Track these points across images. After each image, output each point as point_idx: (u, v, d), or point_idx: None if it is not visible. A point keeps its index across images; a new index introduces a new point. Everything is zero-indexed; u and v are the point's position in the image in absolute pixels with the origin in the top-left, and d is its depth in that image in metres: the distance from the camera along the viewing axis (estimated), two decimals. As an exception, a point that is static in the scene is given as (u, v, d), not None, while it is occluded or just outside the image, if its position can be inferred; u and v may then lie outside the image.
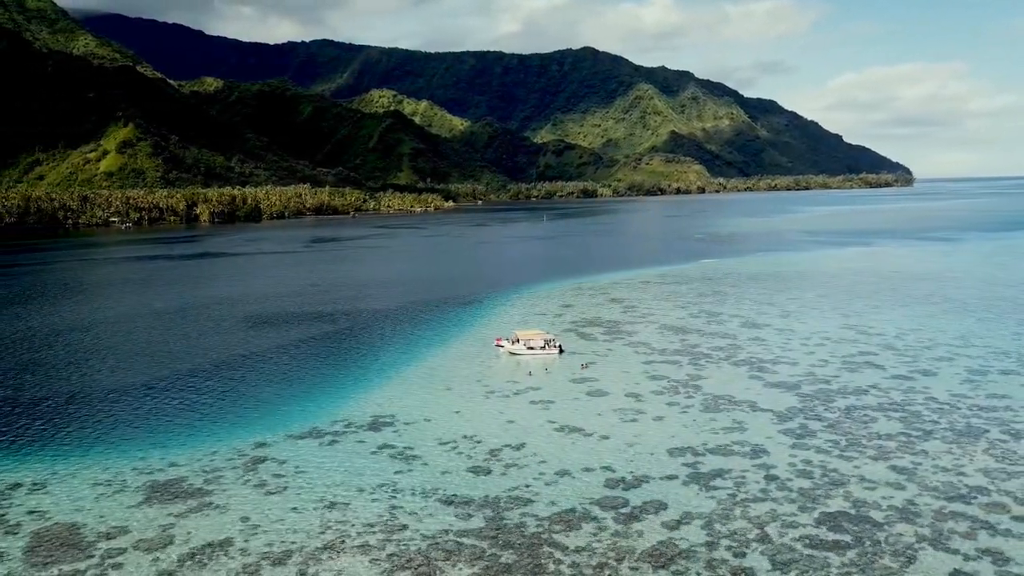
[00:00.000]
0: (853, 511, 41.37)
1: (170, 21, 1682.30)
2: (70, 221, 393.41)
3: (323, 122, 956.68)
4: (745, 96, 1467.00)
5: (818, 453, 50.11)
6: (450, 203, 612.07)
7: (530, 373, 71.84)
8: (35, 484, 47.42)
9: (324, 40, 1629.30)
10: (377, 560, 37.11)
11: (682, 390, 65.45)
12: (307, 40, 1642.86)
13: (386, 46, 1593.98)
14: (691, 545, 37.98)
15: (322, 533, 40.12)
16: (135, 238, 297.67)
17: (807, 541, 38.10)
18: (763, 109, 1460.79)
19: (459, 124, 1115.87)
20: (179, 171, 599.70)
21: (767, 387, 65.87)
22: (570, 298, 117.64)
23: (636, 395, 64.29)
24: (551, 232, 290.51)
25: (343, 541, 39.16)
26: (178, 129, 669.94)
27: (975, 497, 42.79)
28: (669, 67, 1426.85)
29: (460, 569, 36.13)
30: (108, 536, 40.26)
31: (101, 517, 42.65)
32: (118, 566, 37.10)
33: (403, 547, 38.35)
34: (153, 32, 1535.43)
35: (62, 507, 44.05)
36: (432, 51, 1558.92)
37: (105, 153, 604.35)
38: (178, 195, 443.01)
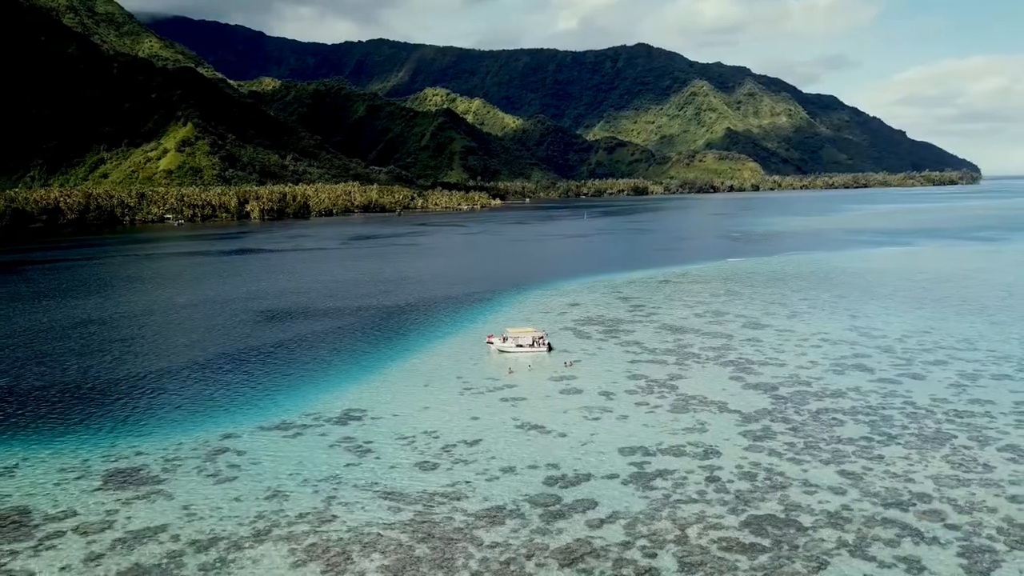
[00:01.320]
0: (783, 515, 40.82)
1: (232, 23, 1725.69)
2: (127, 217, 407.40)
3: (376, 121, 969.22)
4: (804, 92, 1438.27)
5: (770, 456, 49.45)
6: (497, 201, 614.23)
7: (510, 371, 72.27)
8: (4, 468, 49.85)
9: (380, 39, 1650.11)
10: (295, 549, 38.14)
11: (656, 390, 65.07)
12: (363, 40, 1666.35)
13: (441, 45, 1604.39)
14: (606, 544, 38.05)
15: (254, 522, 41.35)
16: (183, 234, 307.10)
17: (723, 544, 37.81)
18: (823, 105, 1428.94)
19: (511, 122, 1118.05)
20: (235, 169, 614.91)
21: (744, 388, 65.04)
22: (580, 296, 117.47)
23: (609, 394, 64.19)
24: (586, 230, 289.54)
25: (270, 530, 40.33)
26: (235, 128, 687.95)
27: (914, 504, 41.78)
28: (725, 63, 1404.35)
29: (372, 560, 36.92)
30: (54, 519, 42.21)
31: (55, 501, 44.69)
32: (52, 547, 38.92)
33: (325, 538, 39.31)
34: (216, 34, 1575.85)
35: (21, 491, 46.26)
36: (486, 49, 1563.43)
37: (165, 152, 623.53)
38: (230, 192, 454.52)
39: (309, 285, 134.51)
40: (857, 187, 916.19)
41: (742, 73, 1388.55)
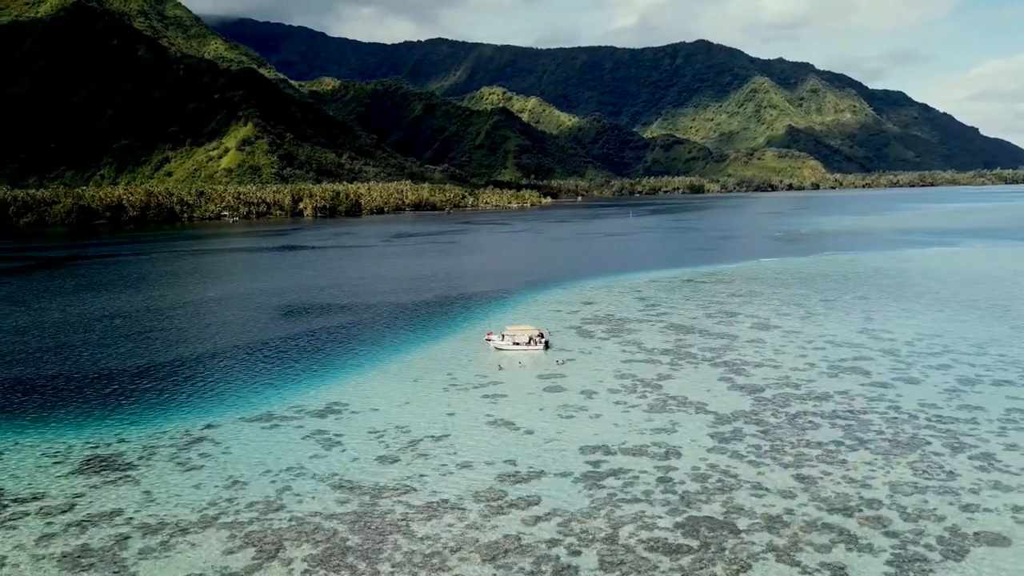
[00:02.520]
0: (721, 517, 40.45)
1: (296, 24, 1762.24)
2: (186, 214, 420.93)
3: (432, 120, 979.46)
4: (870, 88, 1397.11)
5: (730, 458, 48.90)
6: (548, 199, 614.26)
7: (500, 367, 72.81)
8: (-7, 452, 52.66)
9: (438, 39, 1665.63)
10: (234, 536, 39.45)
11: (640, 390, 64.73)
12: (422, 39, 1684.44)
13: (498, 43, 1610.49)
14: (534, 541, 38.32)
15: (205, 509, 42.88)
16: (234, 231, 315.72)
17: (651, 544, 37.71)
18: (890, 101, 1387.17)
19: (567, 120, 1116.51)
20: (293, 167, 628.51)
21: (730, 389, 64.22)
22: (596, 294, 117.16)
23: (590, 393, 64.15)
24: (627, 229, 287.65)
25: (218, 517, 41.77)
26: (294, 127, 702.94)
27: (860, 510, 40.88)
28: (787, 59, 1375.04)
29: (301, 549, 37.95)
30: (22, 501, 44.47)
31: (29, 485, 47.04)
32: (12, 528, 41.05)
33: (266, 526, 40.54)
34: (280, 35, 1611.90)
35: (2, 474, 48.81)
36: (543, 48, 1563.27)
37: (226, 151, 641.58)
38: (285, 190, 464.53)
39: (335, 281, 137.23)
40: (923, 185, 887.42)
41: (805, 69, 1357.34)
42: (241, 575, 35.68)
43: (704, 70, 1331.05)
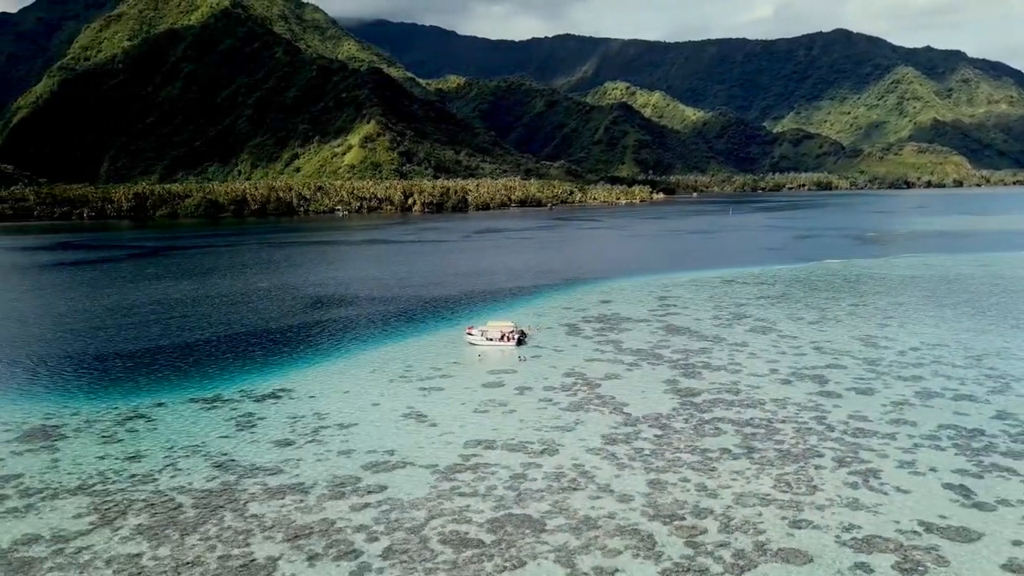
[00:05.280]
0: (538, 516, 40.64)
1: (427, 24, 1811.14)
2: (302, 208, 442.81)
3: (553, 116, 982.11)
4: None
5: (603, 459, 48.53)
6: (660, 195, 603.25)
7: (454, 362, 74.37)
8: (-39, 418, 59.51)
9: (565, 35, 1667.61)
10: (92, 503, 43.31)
11: (574, 389, 64.61)
12: (550, 36, 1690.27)
13: (626, 38, 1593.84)
14: (344, 525, 39.91)
15: (87, 478, 47.08)
16: (338, 224, 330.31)
17: (446, 537, 38.52)
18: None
19: (692, 115, 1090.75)
20: (412, 164, 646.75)
21: (665, 392, 63.01)
22: (619, 293, 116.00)
23: (524, 389, 64.67)
24: (716, 226, 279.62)
25: (92, 486, 45.88)
26: (415, 125, 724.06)
27: (682, 519, 40.01)
28: (935, 47, 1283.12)
29: (138, 518, 41.23)
30: (-51, 461, 50.43)
31: (-34, 447, 53.15)
32: (-78, 483, 46.84)
33: (124, 497, 44.13)
34: (412, 35, 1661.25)
35: (-46, 437, 55.31)
36: (673, 41, 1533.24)
37: (350, 148, 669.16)
38: (397, 186, 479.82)
39: (381, 275, 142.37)
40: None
41: (955, 57, 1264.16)
42: (70, 536, 39.40)
43: (842, 61, 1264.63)
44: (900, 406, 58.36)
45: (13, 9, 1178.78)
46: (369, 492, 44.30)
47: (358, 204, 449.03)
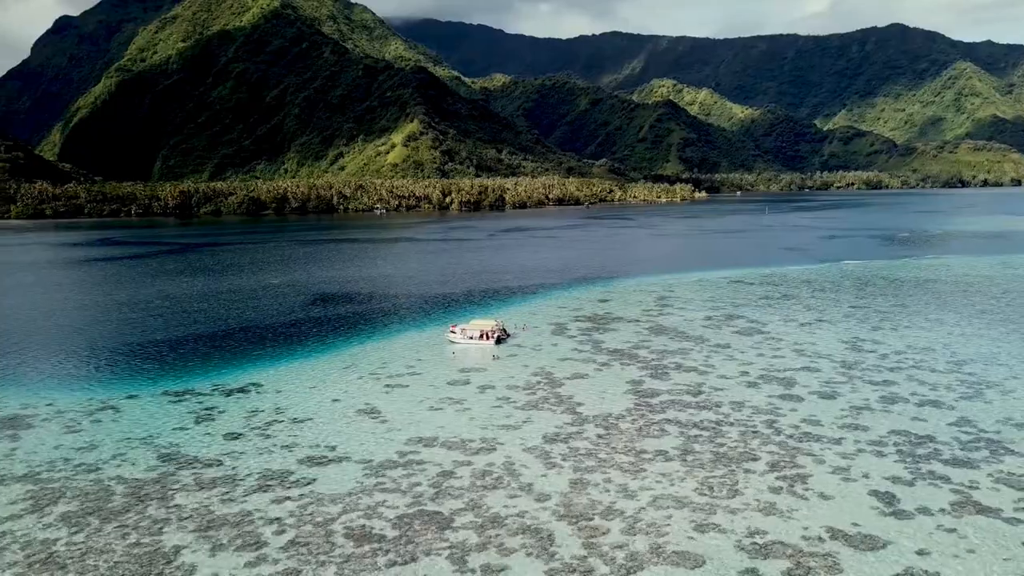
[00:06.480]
0: (447, 513, 41.01)
1: (475, 23, 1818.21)
2: (342, 206, 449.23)
3: (597, 114, 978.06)
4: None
5: (536, 458, 48.62)
6: (702, 194, 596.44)
7: (428, 360, 75.02)
8: (-58, 407, 62.29)
9: (613, 32, 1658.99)
10: (33, 491, 45.13)
11: (535, 388, 64.67)
12: (597, 33, 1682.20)
13: (674, 35, 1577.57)
14: (257, 518, 40.76)
15: (38, 466, 48.99)
16: (373, 223, 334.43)
17: (352, 532, 39.08)
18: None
19: (740, 112, 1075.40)
20: (454, 163, 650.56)
21: (625, 393, 62.67)
22: (620, 293, 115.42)
23: (485, 388, 64.97)
24: (748, 226, 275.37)
25: (39, 474, 47.74)
26: (458, 124, 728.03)
27: (589, 520, 39.95)
28: (997, 41, 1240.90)
29: (70, 504, 42.83)
30: (-84, 448, 52.89)
31: (-62, 435, 55.65)
32: None
33: (67, 484, 45.81)
34: (460, 34, 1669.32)
35: (-71, 425, 57.94)
36: (723, 37, 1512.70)
37: (393, 146, 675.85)
38: (435, 185, 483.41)
39: (391, 272, 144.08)
40: None
41: (1018, 52, 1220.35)
42: (3, 521, 41.15)
43: (897, 56, 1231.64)
44: (859, 411, 57.14)
45: (76, 12, 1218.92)
46: (294, 486, 45.19)
47: (396, 203, 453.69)
